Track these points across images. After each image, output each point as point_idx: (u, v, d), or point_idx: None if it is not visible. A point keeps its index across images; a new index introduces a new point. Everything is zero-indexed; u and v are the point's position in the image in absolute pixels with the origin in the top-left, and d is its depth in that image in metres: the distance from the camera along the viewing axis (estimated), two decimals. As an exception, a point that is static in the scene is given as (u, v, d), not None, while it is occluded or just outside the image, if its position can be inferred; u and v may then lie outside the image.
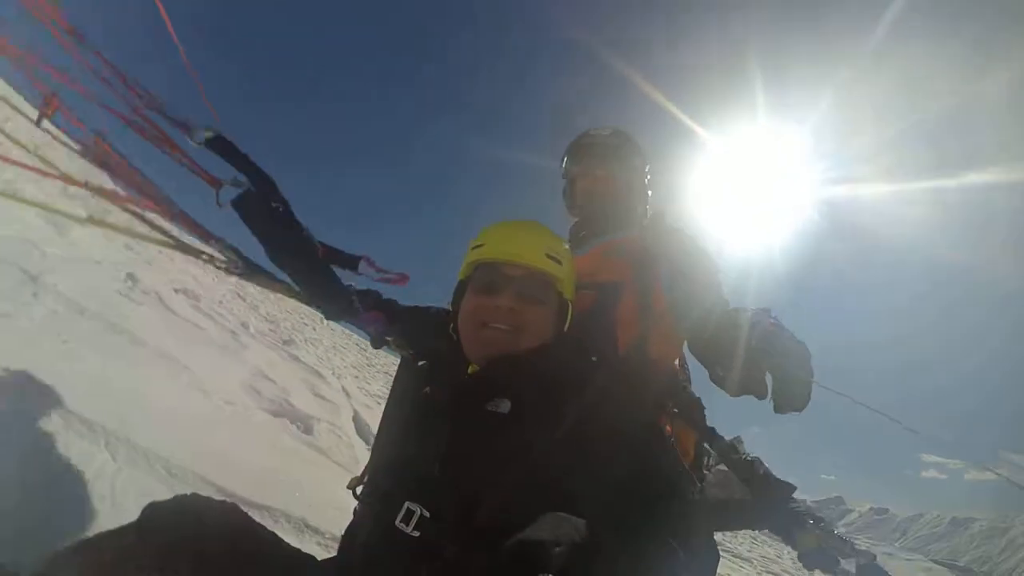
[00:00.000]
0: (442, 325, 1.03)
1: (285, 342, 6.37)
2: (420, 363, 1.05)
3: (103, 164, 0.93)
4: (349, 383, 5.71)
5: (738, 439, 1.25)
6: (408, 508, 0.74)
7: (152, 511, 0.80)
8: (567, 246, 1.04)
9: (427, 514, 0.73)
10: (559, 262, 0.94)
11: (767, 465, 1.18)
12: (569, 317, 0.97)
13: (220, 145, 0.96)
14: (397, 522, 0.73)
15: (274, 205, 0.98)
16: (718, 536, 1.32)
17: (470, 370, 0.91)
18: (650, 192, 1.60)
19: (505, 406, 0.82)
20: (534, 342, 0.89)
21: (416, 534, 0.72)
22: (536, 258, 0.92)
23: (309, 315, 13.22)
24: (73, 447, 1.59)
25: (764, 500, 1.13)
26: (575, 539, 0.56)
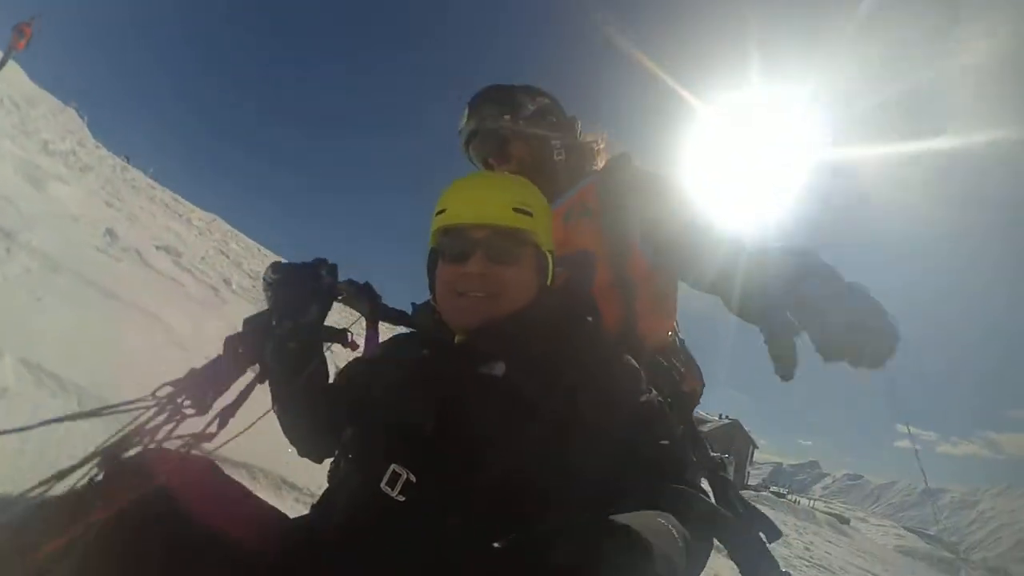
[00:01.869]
0: (425, 305, 1.01)
1: (269, 299, 6.49)
2: (409, 332, 1.04)
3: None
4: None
5: (728, 458, 1.17)
6: (394, 471, 0.71)
7: (113, 461, 0.79)
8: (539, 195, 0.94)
9: (413, 479, 0.71)
10: (529, 213, 0.87)
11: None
12: (551, 269, 0.92)
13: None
14: (382, 485, 0.71)
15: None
16: None
17: (456, 340, 0.89)
18: (577, 127, 1.35)
19: (500, 368, 0.80)
20: (515, 304, 0.86)
21: (401, 499, 0.70)
22: (502, 215, 0.85)
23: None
24: (43, 404, 1.63)
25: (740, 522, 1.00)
26: (579, 529, 0.51)
